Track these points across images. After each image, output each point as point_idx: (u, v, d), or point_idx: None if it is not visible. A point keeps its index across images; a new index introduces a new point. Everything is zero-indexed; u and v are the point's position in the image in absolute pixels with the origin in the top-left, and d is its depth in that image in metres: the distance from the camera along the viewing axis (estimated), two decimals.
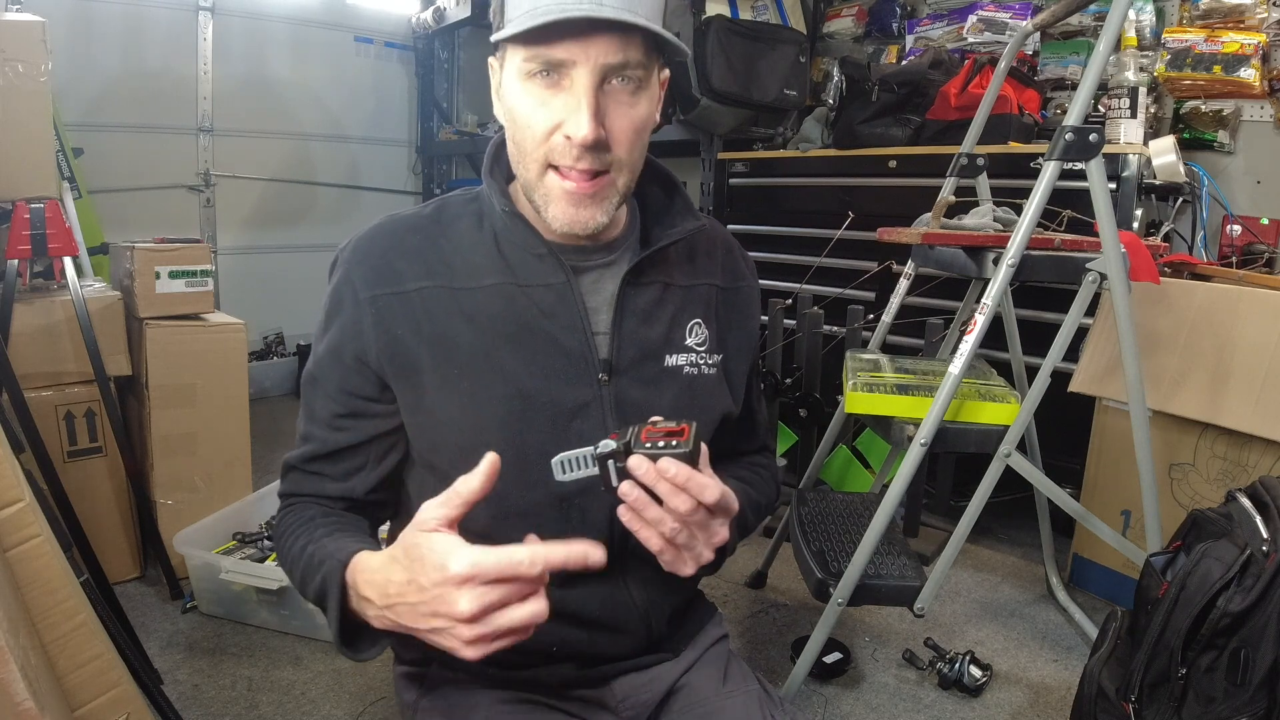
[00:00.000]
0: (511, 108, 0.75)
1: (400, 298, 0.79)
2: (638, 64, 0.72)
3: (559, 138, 0.72)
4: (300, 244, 4.00)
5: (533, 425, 0.79)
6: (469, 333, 0.79)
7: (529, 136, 0.74)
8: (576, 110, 0.71)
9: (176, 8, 3.50)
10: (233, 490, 2.13)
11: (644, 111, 0.75)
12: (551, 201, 0.75)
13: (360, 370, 0.80)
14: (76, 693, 1.04)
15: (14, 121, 1.79)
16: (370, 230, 0.83)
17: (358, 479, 0.84)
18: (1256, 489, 1.15)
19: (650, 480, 0.67)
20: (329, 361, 0.81)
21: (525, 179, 0.77)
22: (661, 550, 0.71)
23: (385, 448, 0.84)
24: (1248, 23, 2.29)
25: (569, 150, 0.72)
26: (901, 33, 3.10)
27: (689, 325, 0.87)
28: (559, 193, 0.75)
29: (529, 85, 0.73)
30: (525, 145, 0.74)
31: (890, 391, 1.55)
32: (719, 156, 3.04)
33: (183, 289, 2.04)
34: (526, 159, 0.75)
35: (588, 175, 0.74)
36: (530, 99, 0.73)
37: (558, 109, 0.72)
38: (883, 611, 2.00)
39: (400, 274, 0.79)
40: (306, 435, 0.85)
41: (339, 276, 0.81)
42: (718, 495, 0.68)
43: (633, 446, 0.68)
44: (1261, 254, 2.23)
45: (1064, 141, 1.40)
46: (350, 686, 1.67)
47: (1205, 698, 1.05)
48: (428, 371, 0.78)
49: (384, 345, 0.78)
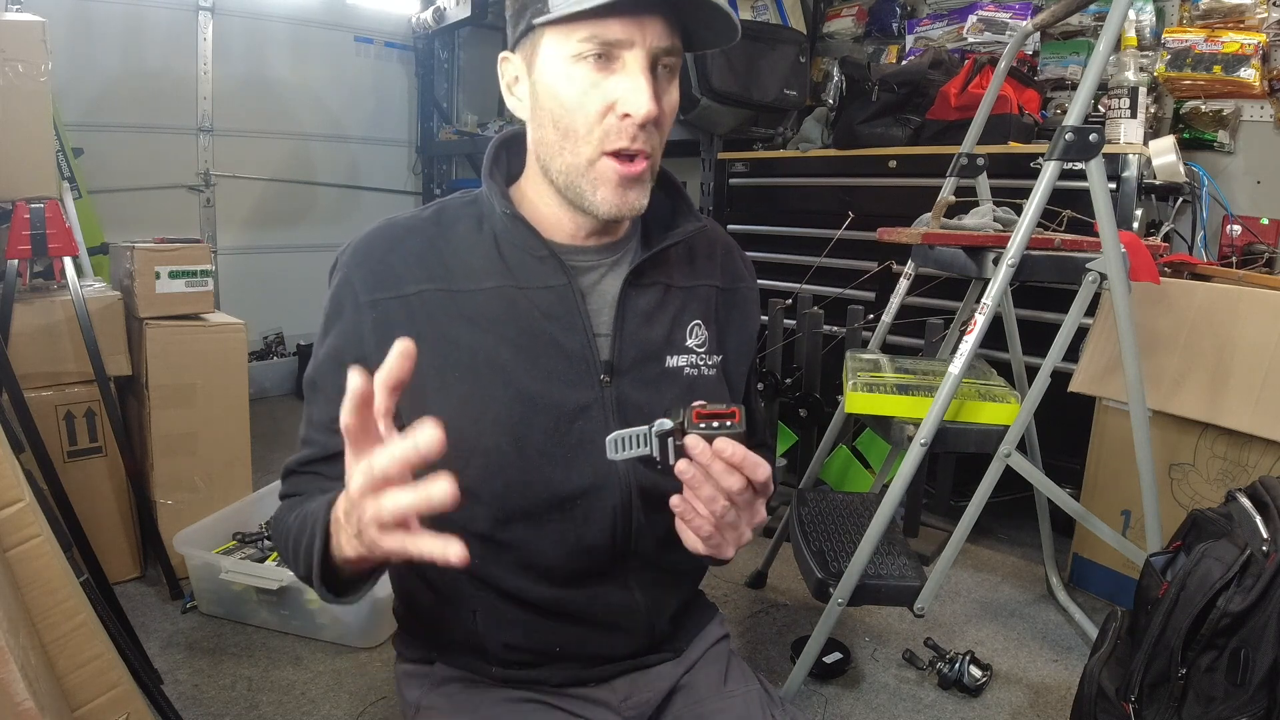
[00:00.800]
0: (555, 93, 0.74)
1: (400, 301, 0.79)
2: (678, 51, 0.75)
3: (612, 118, 0.73)
4: (300, 244, 4.00)
5: (534, 427, 0.79)
6: (470, 336, 0.78)
7: (580, 119, 0.74)
8: (635, 89, 0.72)
9: (176, 8, 3.50)
10: (233, 490, 2.13)
11: (675, 100, 0.78)
12: (601, 185, 0.76)
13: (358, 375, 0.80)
14: (76, 693, 1.04)
15: (14, 121, 1.79)
16: (369, 233, 0.82)
17: None
18: (1256, 489, 1.15)
19: (706, 460, 0.68)
20: (329, 366, 0.81)
21: (571, 164, 0.76)
22: (710, 535, 0.71)
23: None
24: (1248, 23, 2.29)
25: (624, 130, 0.73)
26: (901, 33, 3.11)
27: (689, 326, 0.87)
28: (612, 176, 0.75)
29: (577, 69, 0.73)
30: (576, 128, 0.74)
31: (890, 391, 1.55)
32: (719, 156, 3.04)
33: (183, 289, 2.04)
34: (577, 142, 0.75)
35: (640, 156, 0.75)
36: (581, 81, 0.73)
37: (611, 89, 0.72)
38: (883, 611, 2.00)
39: (400, 277, 0.79)
40: (306, 439, 0.84)
41: (339, 280, 0.81)
42: (769, 473, 0.69)
43: (687, 427, 0.69)
44: (1261, 254, 2.23)
45: (1064, 141, 1.40)
46: (350, 686, 1.67)
47: (1205, 698, 1.05)
48: (428, 375, 0.78)
49: (385, 349, 0.78)
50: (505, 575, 0.83)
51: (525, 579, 0.82)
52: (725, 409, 0.70)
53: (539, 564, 0.82)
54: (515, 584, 0.83)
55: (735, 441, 0.67)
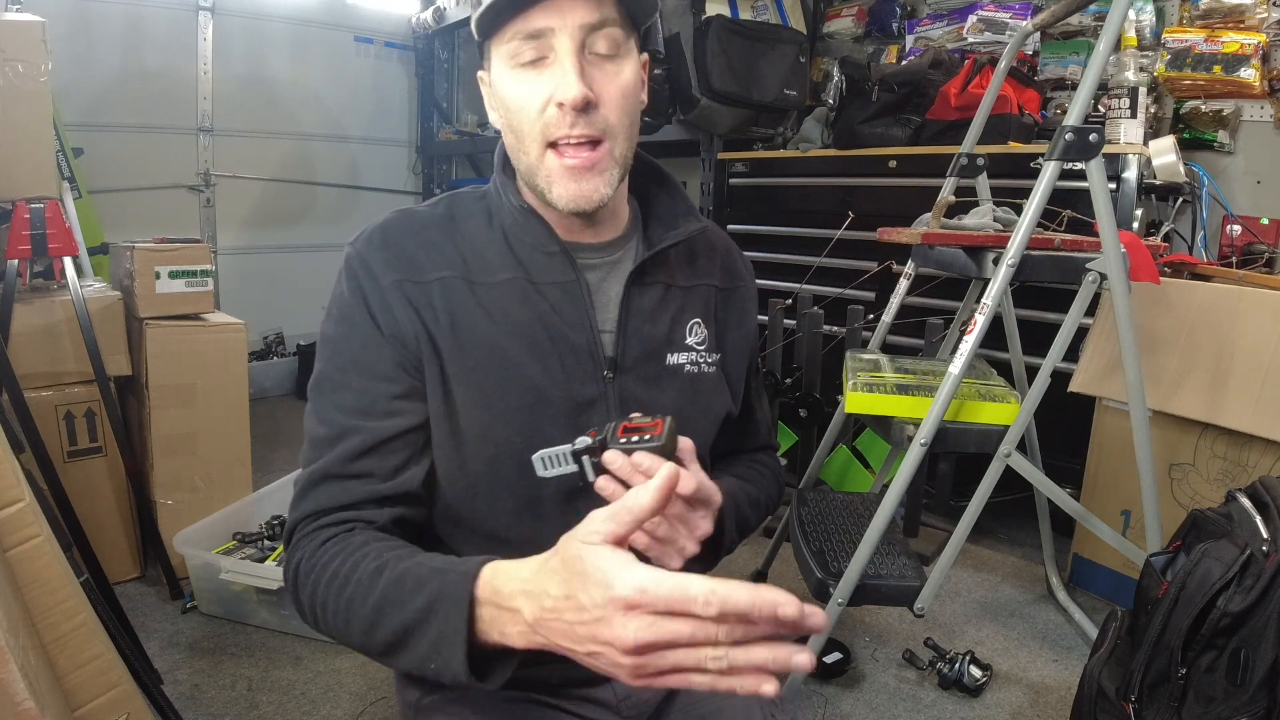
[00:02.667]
0: (504, 100, 0.76)
1: (421, 287, 0.78)
2: (614, 21, 0.74)
3: (551, 110, 0.73)
4: (300, 244, 4.00)
5: (545, 420, 0.79)
6: (485, 327, 0.79)
7: (524, 119, 0.75)
8: (562, 76, 0.72)
9: (176, 8, 3.50)
10: (233, 490, 2.13)
11: (629, 77, 0.76)
12: (555, 181, 0.76)
13: (403, 349, 0.77)
14: (76, 693, 1.04)
15: (14, 121, 1.79)
16: (384, 222, 0.82)
17: (410, 473, 0.77)
18: (1256, 489, 1.16)
19: (625, 474, 0.68)
20: (367, 344, 0.77)
21: (527, 165, 0.77)
22: (646, 547, 0.72)
23: (426, 436, 0.79)
24: (1248, 23, 2.29)
25: (563, 119, 0.73)
26: (901, 33, 3.10)
27: (689, 325, 0.88)
28: (559, 170, 0.75)
29: (517, 74, 0.75)
30: (522, 128, 0.75)
31: (890, 391, 1.55)
32: (719, 156, 3.04)
33: (183, 289, 2.04)
34: (525, 142, 0.76)
35: (585, 144, 0.74)
36: (521, 85, 0.74)
37: (546, 84, 0.73)
38: (883, 611, 2.00)
39: (420, 264, 0.79)
40: (339, 434, 0.76)
41: (357, 266, 0.79)
42: (693, 486, 0.70)
43: (609, 442, 0.69)
44: (1261, 254, 2.23)
45: (1064, 141, 1.40)
46: (350, 686, 1.67)
47: (1205, 698, 1.05)
48: (448, 361, 0.78)
49: (418, 327, 0.77)
50: None
51: None
52: (651, 421, 0.70)
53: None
54: None
55: (654, 455, 0.67)
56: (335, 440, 0.76)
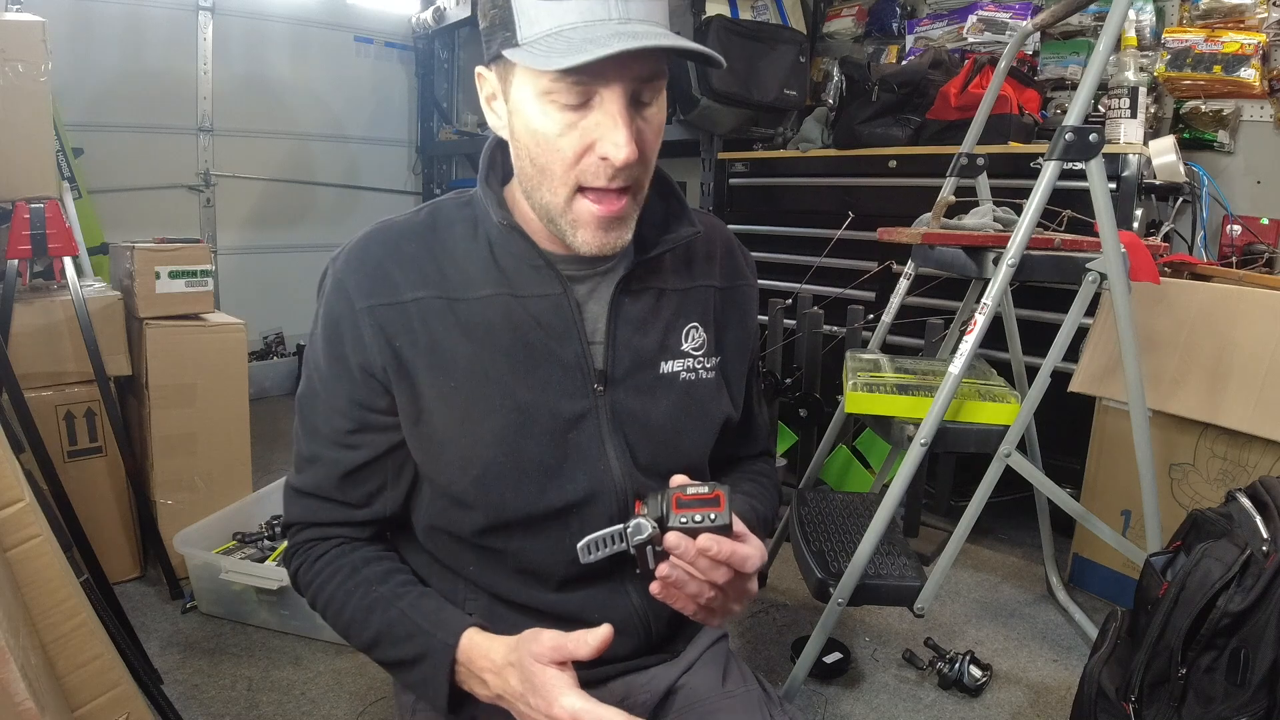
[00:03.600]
0: (533, 129, 0.71)
1: (397, 308, 0.77)
2: (662, 74, 0.71)
3: (591, 160, 0.70)
4: (300, 244, 4.00)
5: (529, 437, 0.78)
6: (466, 346, 0.77)
7: (557, 160, 0.70)
8: (612, 130, 0.68)
9: (176, 8, 3.50)
10: (233, 490, 2.13)
11: (662, 118, 0.73)
12: (581, 227, 0.73)
13: (367, 382, 0.78)
14: (76, 693, 1.04)
15: (14, 121, 1.79)
16: (363, 238, 0.80)
17: (382, 501, 0.83)
18: (1256, 489, 1.15)
19: (690, 558, 0.67)
20: (332, 375, 0.79)
21: (550, 203, 0.73)
22: (695, 613, 0.72)
23: (400, 461, 0.82)
24: (1248, 23, 2.29)
25: (602, 171, 0.70)
26: (901, 33, 3.10)
27: (685, 330, 0.85)
28: (589, 218, 0.72)
29: (551, 110, 0.69)
30: (553, 169, 0.71)
31: (890, 391, 1.55)
32: (719, 156, 3.04)
33: (183, 289, 2.04)
34: (554, 183, 0.72)
35: (619, 195, 0.72)
36: (557, 121, 0.69)
37: (589, 131, 0.69)
38: (883, 611, 2.00)
39: (396, 284, 0.77)
40: (312, 456, 0.81)
41: (332, 287, 0.79)
42: (758, 565, 0.69)
43: (667, 521, 0.65)
44: (1261, 254, 2.23)
45: (1064, 141, 1.40)
46: (350, 686, 1.67)
47: (1205, 698, 1.05)
48: (424, 384, 0.77)
49: (387, 355, 0.76)
50: (501, 579, 0.83)
51: (521, 583, 0.83)
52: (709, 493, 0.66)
53: (535, 569, 0.82)
54: (511, 588, 0.83)
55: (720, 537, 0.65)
56: (310, 461, 0.82)
